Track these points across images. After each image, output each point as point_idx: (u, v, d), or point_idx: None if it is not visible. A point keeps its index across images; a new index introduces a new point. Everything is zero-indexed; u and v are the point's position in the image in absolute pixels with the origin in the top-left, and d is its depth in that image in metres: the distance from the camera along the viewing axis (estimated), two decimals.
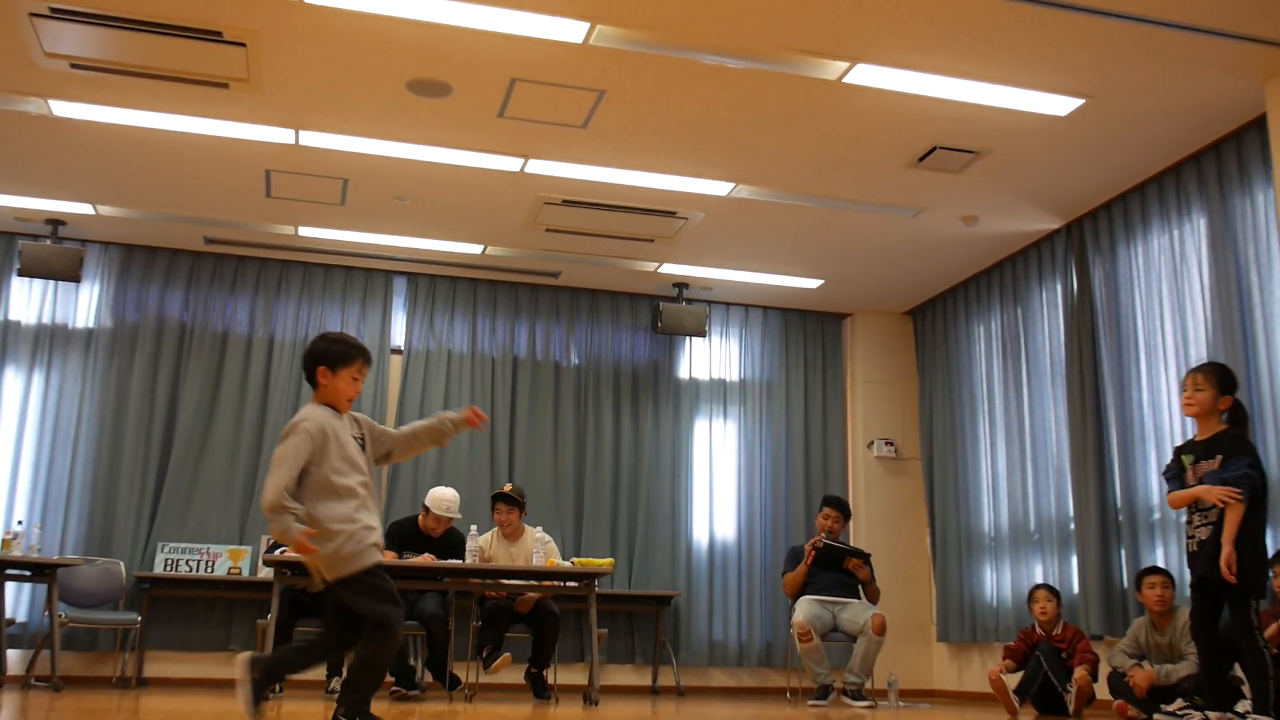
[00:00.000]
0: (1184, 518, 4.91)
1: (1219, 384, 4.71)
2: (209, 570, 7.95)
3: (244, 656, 3.49)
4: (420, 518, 7.20)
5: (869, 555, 7.49)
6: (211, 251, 8.57)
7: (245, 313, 8.59)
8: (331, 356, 3.69)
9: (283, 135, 6.56)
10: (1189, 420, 5.51)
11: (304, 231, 8.12)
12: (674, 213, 7.60)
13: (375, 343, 8.71)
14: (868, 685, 7.22)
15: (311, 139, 6.60)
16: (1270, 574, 5.49)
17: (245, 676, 3.45)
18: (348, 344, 3.74)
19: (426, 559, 6.68)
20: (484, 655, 6.84)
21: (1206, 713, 4.58)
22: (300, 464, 3.53)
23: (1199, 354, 6.45)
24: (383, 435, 3.86)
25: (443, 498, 7.17)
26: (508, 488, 7.22)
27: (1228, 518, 4.53)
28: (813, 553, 7.36)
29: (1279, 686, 4.49)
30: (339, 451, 3.63)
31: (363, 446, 3.73)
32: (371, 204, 7.58)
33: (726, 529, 9.20)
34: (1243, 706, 4.58)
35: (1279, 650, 5.32)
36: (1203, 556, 4.62)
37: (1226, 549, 4.49)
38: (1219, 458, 4.61)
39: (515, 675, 7.52)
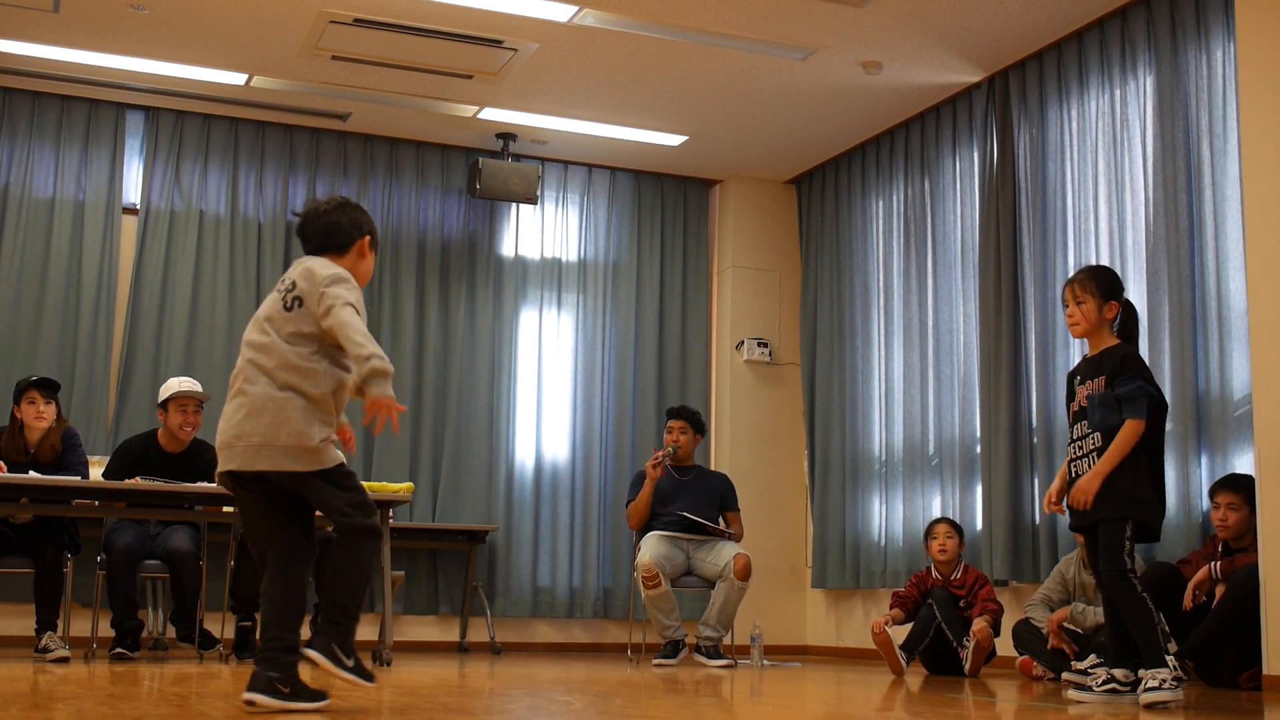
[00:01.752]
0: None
1: (1100, 290, 4.91)
2: None
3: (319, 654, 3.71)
4: (161, 430, 7.04)
5: (737, 506, 7.75)
6: None
7: None
8: (372, 229, 3.99)
9: None
10: None
11: (3, 46, 7.82)
12: (500, 41, 7.51)
13: (102, 198, 8.46)
14: (727, 640, 7.43)
15: None
16: (1210, 506, 5.85)
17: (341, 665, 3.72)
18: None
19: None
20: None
21: (1111, 671, 4.83)
22: None
23: (1137, 241, 6.72)
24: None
25: (191, 386, 7.04)
26: None
27: (1118, 438, 4.72)
28: (657, 471, 7.47)
29: (1175, 633, 4.72)
30: None
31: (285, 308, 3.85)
32: (96, 12, 7.34)
33: (558, 448, 9.28)
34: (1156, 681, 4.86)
35: (1206, 599, 5.66)
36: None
37: (1094, 483, 4.69)
38: (1103, 378, 4.82)
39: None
